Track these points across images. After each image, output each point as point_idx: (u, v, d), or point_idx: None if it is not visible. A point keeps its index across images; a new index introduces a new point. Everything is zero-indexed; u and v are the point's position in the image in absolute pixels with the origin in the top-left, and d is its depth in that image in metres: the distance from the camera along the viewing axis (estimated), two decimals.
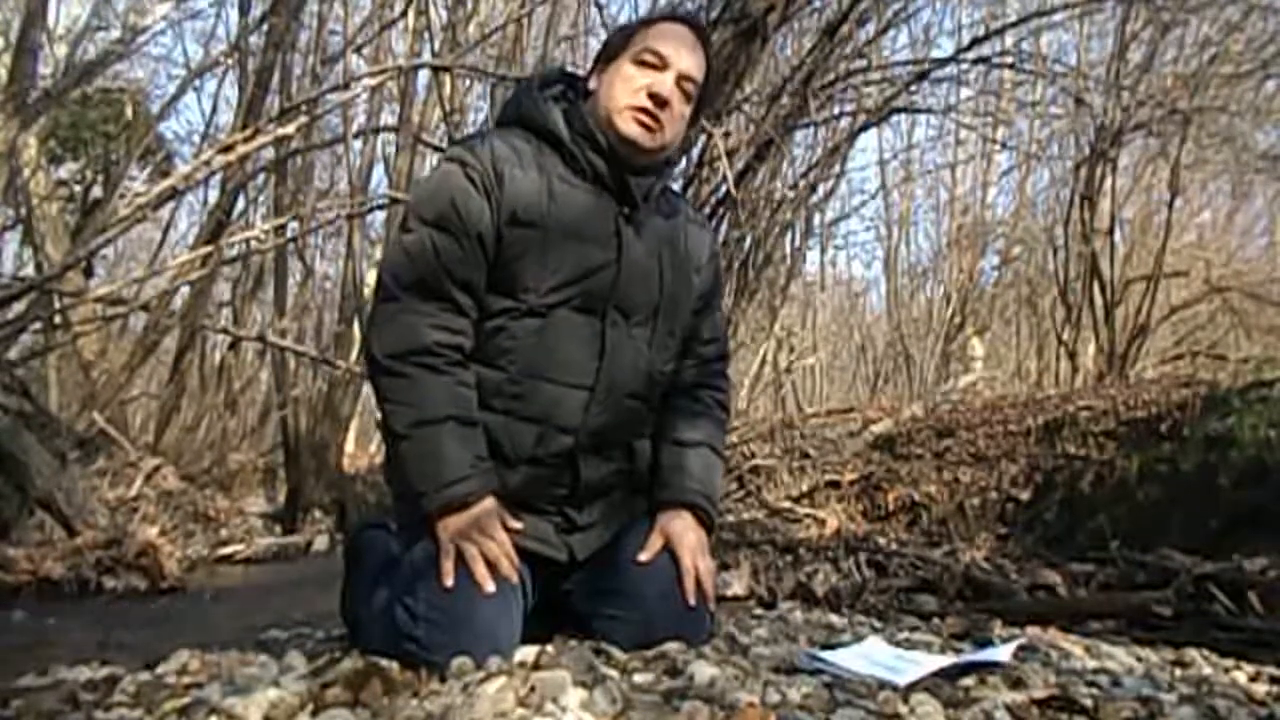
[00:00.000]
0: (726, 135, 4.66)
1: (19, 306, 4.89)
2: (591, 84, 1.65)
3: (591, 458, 1.57)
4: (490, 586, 1.39)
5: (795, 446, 5.60)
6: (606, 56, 1.65)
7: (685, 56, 1.60)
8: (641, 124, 1.57)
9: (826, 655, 1.39)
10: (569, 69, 1.75)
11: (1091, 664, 1.51)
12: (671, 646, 1.44)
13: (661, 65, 1.58)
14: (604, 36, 1.76)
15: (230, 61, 7.78)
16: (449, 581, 1.40)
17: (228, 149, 4.76)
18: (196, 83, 8.38)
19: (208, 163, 4.82)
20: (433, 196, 1.54)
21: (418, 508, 1.46)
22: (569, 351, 1.53)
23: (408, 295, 1.50)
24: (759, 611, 2.24)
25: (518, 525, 1.50)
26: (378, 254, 8.55)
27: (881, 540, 3.72)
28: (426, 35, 7.04)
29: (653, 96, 1.57)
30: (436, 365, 1.48)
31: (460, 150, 1.57)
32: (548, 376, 1.52)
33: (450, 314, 1.51)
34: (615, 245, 1.56)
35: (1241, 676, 1.53)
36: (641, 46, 1.60)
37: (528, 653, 1.40)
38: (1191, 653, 1.70)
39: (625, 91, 1.58)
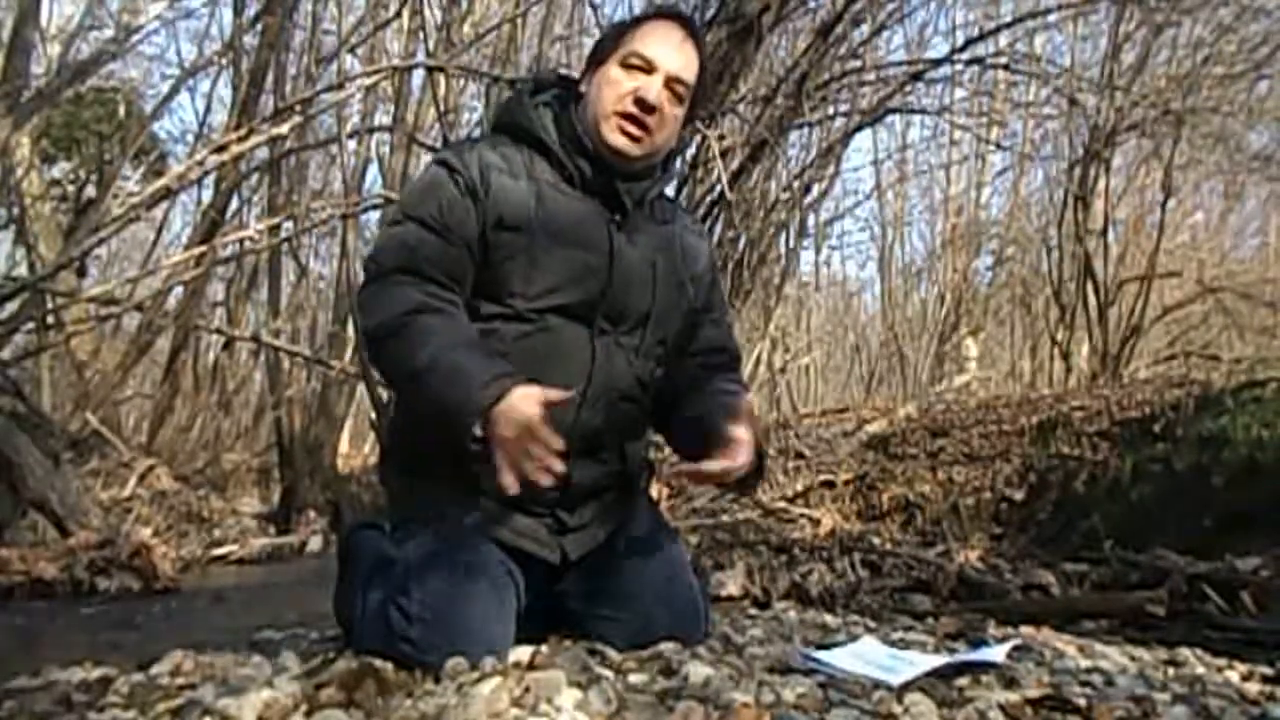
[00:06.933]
0: (721, 136, 4.66)
1: (12, 306, 4.89)
2: (583, 87, 1.63)
3: (583, 460, 1.55)
4: (546, 480, 1.33)
5: (790, 446, 5.59)
6: (597, 59, 1.62)
7: (674, 58, 1.56)
8: (627, 133, 1.55)
9: (821, 655, 1.39)
10: (564, 72, 1.72)
11: (1085, 663, 1.51)
12: (666, 646, 1.44)
13: (649, 69, 1.55)
14: (598, 37, 1.74)
15: (224, 61, 7.79)
16: (510, 486, 1.32)
17: (222, 149, 4.77)
18: (190, 82, 8.40)
19: (202, 162, 4.83)
20: (418, 197, 1.54)
21: (457, 438, 1.36)
22: (558, 358, 1.52)
23: (393, 274, 1.49)
24: (754, 611, 2.25)
25: (566, 395, 1.39)
26: None
27: (876, 540, 3.72)
28: (421, 35, 7.06)
29: (639, 102, 1.54)
30: (436, 308, 1.44)
31: (448, 154, 1.57)
32: (538, 381, 1.51)
33: (437, 288, 1.48)
34: (606, 252, 1.55)
35: (1234, 676, 1.54)
36: (628, 49, 1.57)
37: (522, 653, 1.40)
38: (1185, 652, 1.71)
39: (612, 97, 1.55)
